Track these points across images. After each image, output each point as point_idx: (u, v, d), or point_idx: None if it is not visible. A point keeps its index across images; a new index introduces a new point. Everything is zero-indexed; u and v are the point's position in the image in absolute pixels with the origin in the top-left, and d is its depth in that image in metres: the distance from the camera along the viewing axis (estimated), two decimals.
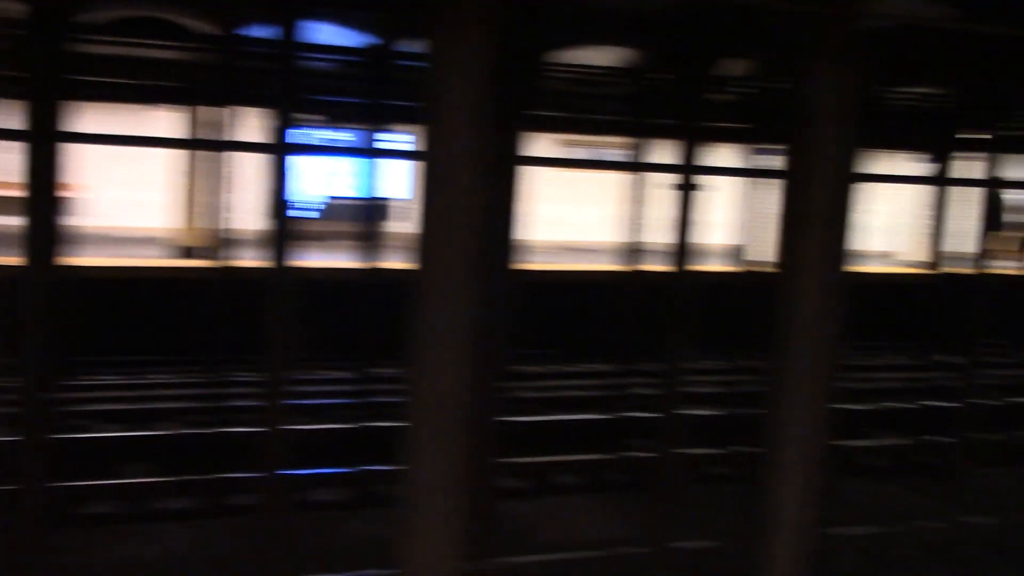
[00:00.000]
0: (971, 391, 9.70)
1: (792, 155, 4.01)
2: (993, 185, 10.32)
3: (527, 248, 7.39)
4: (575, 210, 21.58)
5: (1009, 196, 19.71)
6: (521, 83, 6.07)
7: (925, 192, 17.14)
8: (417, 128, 4.45)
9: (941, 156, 13.95)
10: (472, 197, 3.59)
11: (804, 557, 4.36)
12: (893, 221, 23.07)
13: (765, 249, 13.33)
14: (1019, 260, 16.81)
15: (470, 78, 3.49)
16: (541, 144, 17.00)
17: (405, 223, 11.67)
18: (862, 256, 19.57)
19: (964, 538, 8.35)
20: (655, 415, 8.63)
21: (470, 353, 3.65)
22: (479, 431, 4.92)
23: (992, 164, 9.54)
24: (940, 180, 13.40)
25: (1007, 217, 21.02)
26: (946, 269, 14.86)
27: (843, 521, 8.39)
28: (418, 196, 3.73)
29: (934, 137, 13.09)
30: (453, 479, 3.70)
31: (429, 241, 3.59)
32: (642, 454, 9.63)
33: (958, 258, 13.61)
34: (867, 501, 9.27)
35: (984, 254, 9.93)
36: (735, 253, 14.74)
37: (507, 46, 3.74)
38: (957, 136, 12.80)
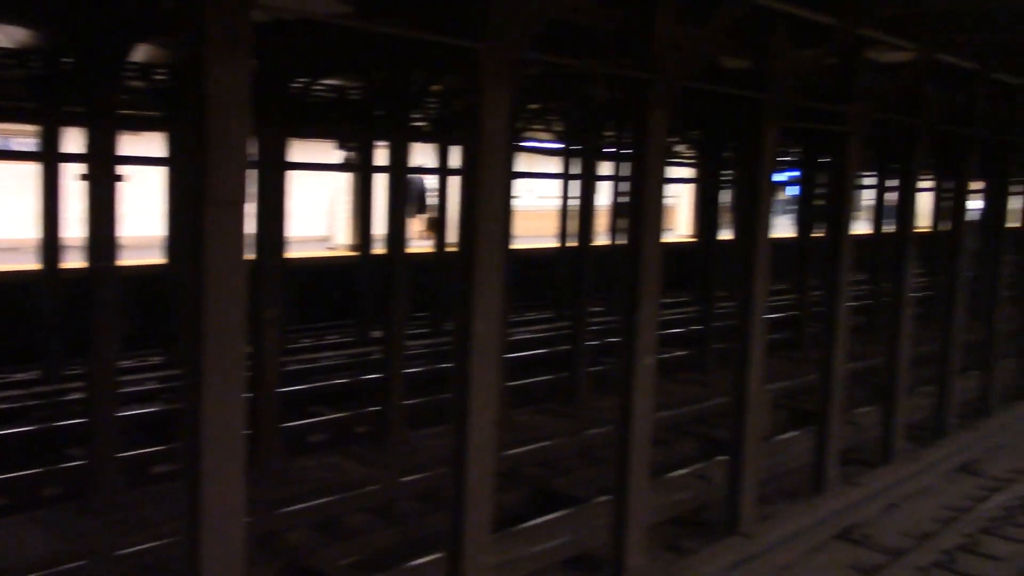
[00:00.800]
0: (397, 362, 10.51)
1: (194, 141, 4.00)
2: (406, 172, 11.24)
3: None
4: None
5: (430, 181, 21.60)
6: None
7: (355, 179, 18.26)
8: None
9: (365, 144, 14.89)
10: None
11: (238, 543, 4.40)
12: (327, 207, 24.20)
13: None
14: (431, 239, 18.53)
15: None
16: None
17: None
18: (300, 242, 20.32)
19: (401, 495, 9.07)
20: (87, 420, 8.17)
21: None
22: None
23: (399, 150, 10.40)
24: (361, 167, 14.30)
25: (430, 200, 23.13)
26: (376, 251, 15.88)
27: (295, 499, 8.68)
28: None
29: (356, 126, 13.94)
30: None
31: None
32: (77, 463, 9.06)
33: (386, 240, 14.68)
34: (316, 476, 9.66)
35: (400, 235, 10.77)
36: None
37: None
38: (377, 126, 13.68)
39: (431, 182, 20.36)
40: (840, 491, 8.91)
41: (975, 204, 16.15)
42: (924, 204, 22.85)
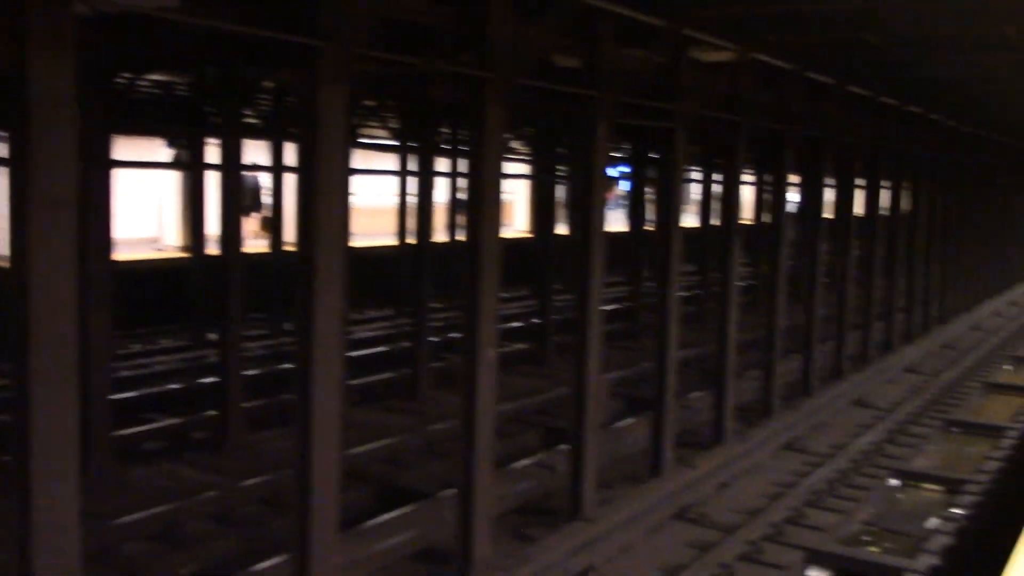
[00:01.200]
0: (234, 365, 10.27)
1: (19, 139, 3.83)
2: (239, 169, 11.00)
3: None
4: None
5: (265, 179, 21.14)
6: None
7: (186, 177, 17.69)
8: None
9: (196, 141, 14.43)
10: None
11: (73, 558, 4.24)
12: (158, 207, 23.35)
13: None
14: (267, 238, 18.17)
15: None
16: None
17: None
18: (129, 243, 19.55)
19: (243, 500, 8.89)
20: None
21: None
22: None
23: (231, 148, 10.16)
24: (191, 165, 13.88)
25: (265, 199, 22.64)
26: (211, 252, 15.45)
27: (131, 509, 8.37)
28: None
29: (186, 123, 13.51)
30: None
31: None
32: None
33: (219, 241, 14.31)
34: (153, 484, 9.35)
35: (234, 235, 10.53)
36: None
37: None
38: (208, 122, 13.29)
39: (266, 180, 19.93)
40: (676, 473, 9.28)
41: (796, 197, 17.13)
42: (748, 197, 24.00)
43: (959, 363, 16.19)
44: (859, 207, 15.51)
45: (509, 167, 22.97)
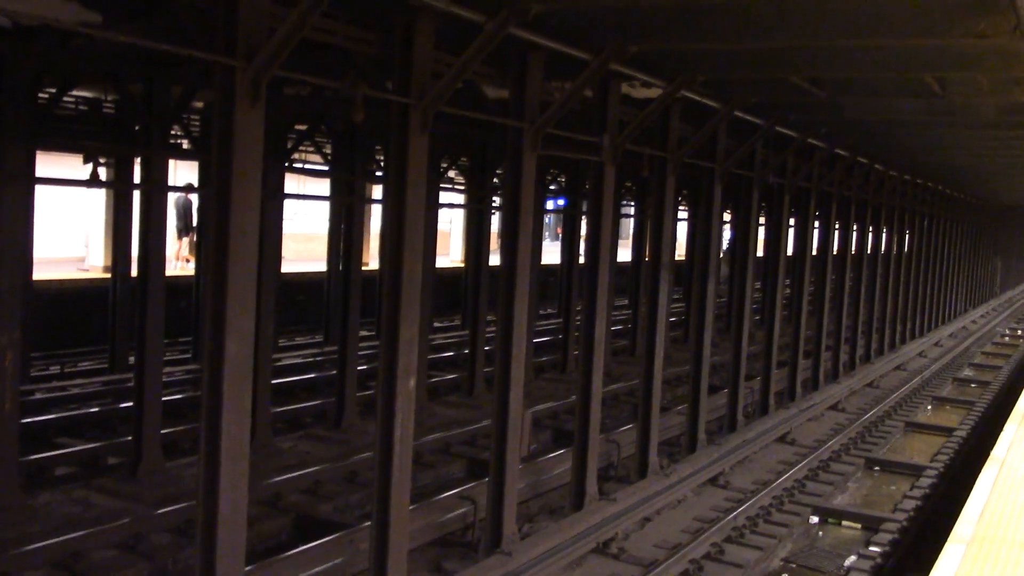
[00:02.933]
0: (152, 389, 10.01)
1: None
2: (166, 189, 10.80)
3: None
4: None
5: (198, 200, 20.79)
6: None
7: (111, 196, 17.31)
8: None
9: (123, 160, 14.11)
10: None
11: None
12: (84, 226, 22.86)
13: None
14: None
15: None
16: None
17: None
18: (50, 263, 19.09)
19: (153, 528, 8.64)
20: None
21: None
22: None
23: (157, 167, 9.96)
24: (118, 184, 13.58)
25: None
26: (135, 273, 15.14)
27: (36, 536, 8.10)
28: None
29: (112, 140, 13.21)
30: None
31: None
32: None
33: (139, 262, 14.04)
34: (62, 511, 9.05)
35: (158, 256, 10.31)
36: None
37: None
38: (135, 140, 13.02)
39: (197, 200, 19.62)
40: (599, 507, 9.23)
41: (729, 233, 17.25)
42: (683, 233, 24.28)
43: (882, 401, 16.45)
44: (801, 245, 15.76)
45: (445, 196, 22.94)
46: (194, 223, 23.60)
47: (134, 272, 14.06)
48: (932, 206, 24.58)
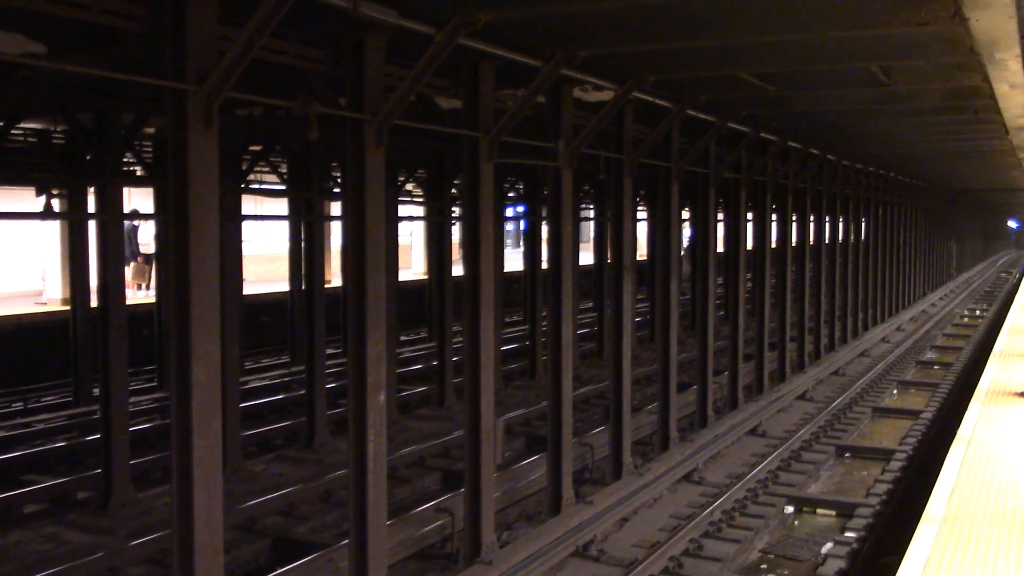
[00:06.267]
0: (120, 420, 9.90)
1: None
2: (121, 218, 10.70)
3: None
4: None
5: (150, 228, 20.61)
6: None
7: (66, 227, 17.08)
8: None
9: (76, 190, 13.94)
10: None
11: None
12: (40, 259, 22.55)
13: None
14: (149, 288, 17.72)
15: None
16: None
17: None
18: (10, 297, 18.82)
19: (128, 560, 8.54)
20: None
21: None
22: None
23: (112, 195, 9.87)
24: (71, 214, 13.41)
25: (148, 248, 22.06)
26: (95, 303, 14.97)
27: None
28: None
29: (64, 171, 13.03)
30: None
31: None
32: None
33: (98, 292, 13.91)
34: (32, 549, 8.93)
35: (117, 285, 10.19)
36: None
37: None
38: (87, 170, 12.88)
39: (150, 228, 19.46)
40: (576, 510, 9.25)
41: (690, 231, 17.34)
42: (643, 234, 24.39)
43: (849, 389, 16.63)
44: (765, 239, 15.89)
45: (403, 209, 22.90)
46: (139, 249, 23.46)
47: (94, 303, 13.96)
48: (886, 193, 24.90)
